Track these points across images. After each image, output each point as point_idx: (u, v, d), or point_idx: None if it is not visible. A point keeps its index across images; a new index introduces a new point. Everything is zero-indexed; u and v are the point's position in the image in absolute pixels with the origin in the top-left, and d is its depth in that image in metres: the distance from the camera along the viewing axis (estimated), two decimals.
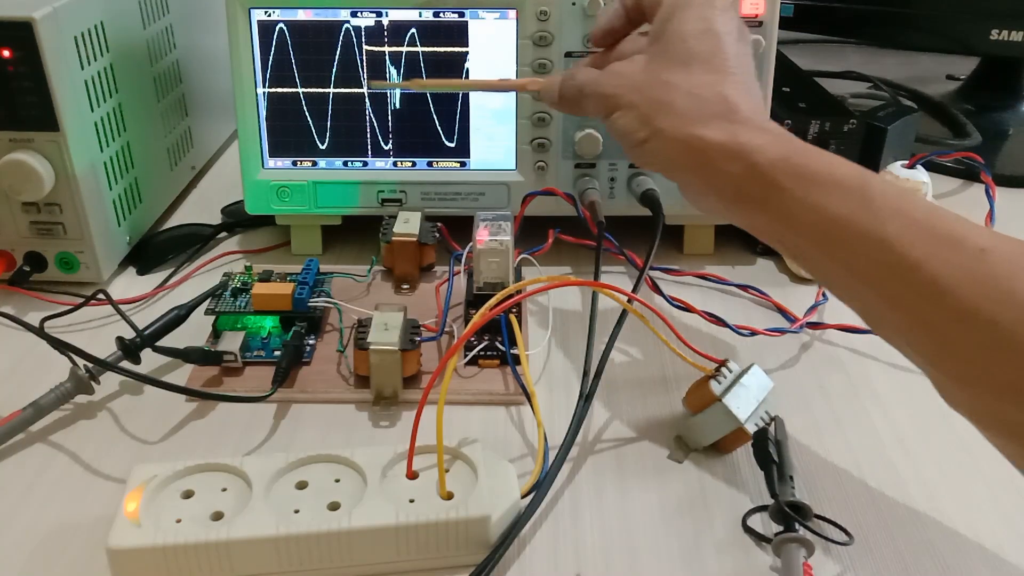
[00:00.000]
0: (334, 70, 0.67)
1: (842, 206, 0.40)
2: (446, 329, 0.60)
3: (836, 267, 0.41)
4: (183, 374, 0.57)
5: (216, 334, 0.60)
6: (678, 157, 0.45)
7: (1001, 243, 0.37)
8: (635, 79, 0.47)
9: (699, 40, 0.46)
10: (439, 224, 0.68)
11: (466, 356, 0.58)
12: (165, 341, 0.57)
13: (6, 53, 0.59)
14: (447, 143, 0.69)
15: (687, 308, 0.62)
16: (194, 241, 0.73)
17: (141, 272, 0.70)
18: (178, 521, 0.43)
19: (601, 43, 0.53)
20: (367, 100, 0.68)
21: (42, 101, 0.60)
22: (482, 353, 0.58)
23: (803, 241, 0.42)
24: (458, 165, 0.70)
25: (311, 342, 0.59)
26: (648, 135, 0.46)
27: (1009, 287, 0.35)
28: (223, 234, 0.75)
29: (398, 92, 0.68)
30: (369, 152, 0.69)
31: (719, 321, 0.61)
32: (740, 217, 0.45)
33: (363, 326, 0.55)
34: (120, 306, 0.58)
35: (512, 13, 0.65)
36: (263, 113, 0.68)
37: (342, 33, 0.66)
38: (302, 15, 0.66)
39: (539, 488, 0.47)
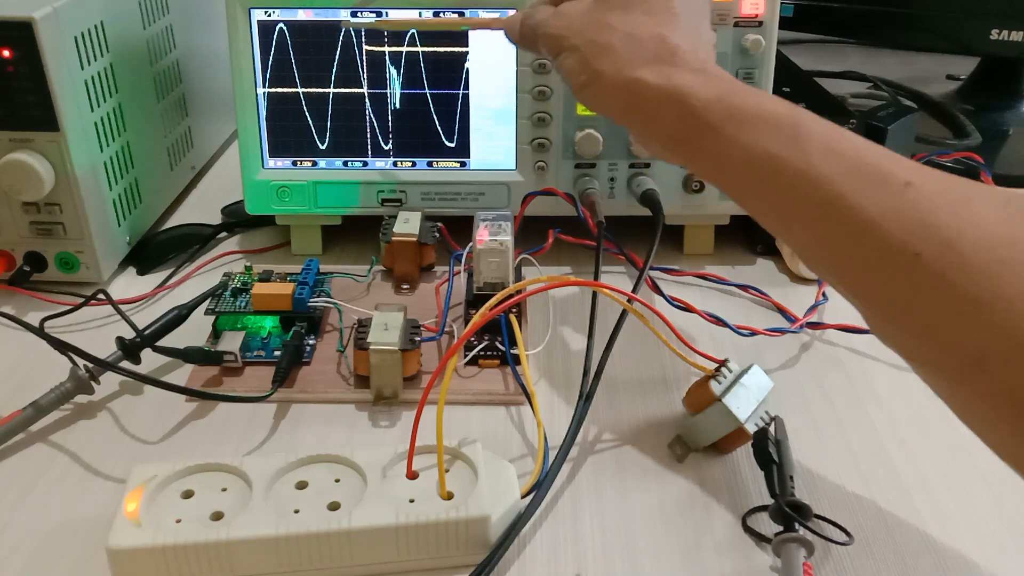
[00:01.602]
0: (334, 70, 0.67)
1: (772, 144, 0.39)
2: (446, 329, 0.60)
3: (769, 207, 0.41)
4: (183, 374, 0.57)
5: (216, 334, 0.60)
6: (618, 101, 0.45)
7: (926, 177, 0.37)
8: (579, 20, 0.47)
9: None
10: (439, 224, 0.68)
11: (466, 356, 0.58)
12: (165, 341, 0.57)
13: (6, 53, 0.59)
14: (447, 143, 0.69)
15: (687, 308, 0.62)
16: (194, 241, 0.73)
17: (141, 272, 0.70)
18: (178, 521, 0.43)
19: None
20: (367, 100, 0.68)
21: (42, 101, 0.60)
22: (482, 353, 0.58)
23: (738, 182, 0.42)
24: (458, 165, 0.70)
25: (311, 342, 0.59)
26: (589, 78, 0.46)
27: (931, 221, 0.35)
28: (223, 234, 0.75)
29: (398, 92, 0.68)
30: (369, 152, 0.69)
31: (719, 321, 0.61)
32: (681, 160, 0.45)
33: (363, 326, 0.55)
34: (120, 306, 0.58)
35: (512, 13, 0.65)
36: (263, 113, 0.68)
37: (342, 33, 0.66)
38: (302, 15, 0.66)
39: (539, 488, 0.47)
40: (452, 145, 0.69)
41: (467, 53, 0.67)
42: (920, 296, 0.35)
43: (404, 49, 0.67)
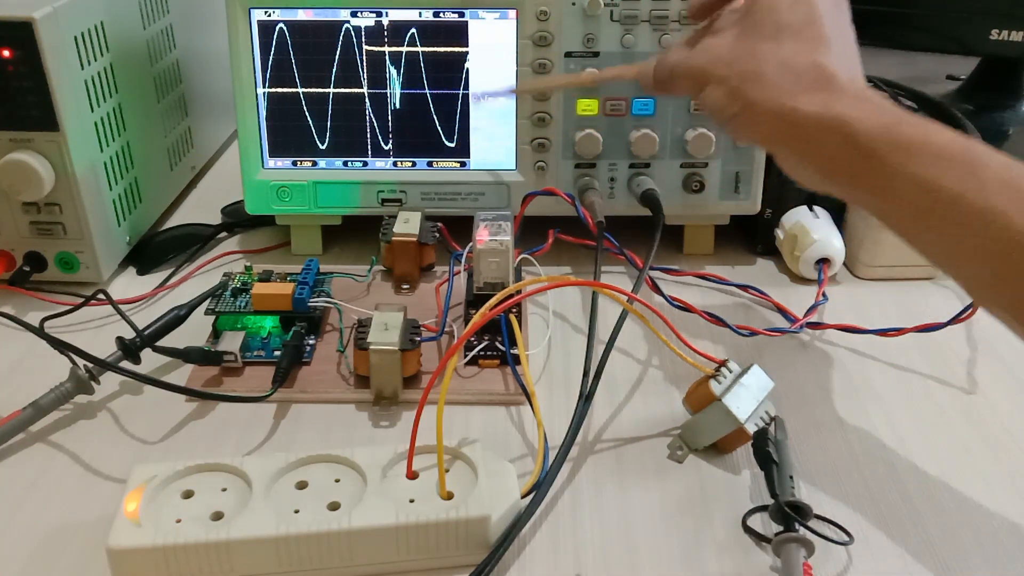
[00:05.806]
0: (334, 70, 0.67)
1: (946, 178, 0.38)
2: (446, 329, 0.60)
3: (939, 240, 0.40)
4: (183, 374, 0.57)
5: (216, 334, 0.60)
6: (771, 131, 0.44)
7: None
8: (725, 53, 0.46)
9: (791, 10, 0.44)
10: (439, 224, 0.68)
11: (466, 356, 0.58)
12: (165, 341, 0.57)
13: (6, 53, 0.59)
14: (447, 143, 0.69)
15: (687, 308, 0.62)
16: (194, 241, 0.73)
17: (141, 272, 0.70)
18: (178, 521, 0.43)
19: (697, 16, 0.51)
20: (367, 100, 0.68)
21: (42, 101, 0.60)
22: (482, 353, 0.58)
23: (903, 213, 0.41)
24: (458, 165, 0.70)
25: (311, 342, 0.59)
26: (739, 109, 0.45)
27: None
28: (223, 234, 0.75)
29: (398, 92, 0.68)
30: (369, 152, 0.69)
31: (719, 321, 0.61)
32: (837, 189, 0.44)
33: (363, 326, 0.55)
34: (120, 306, 0.58)
35: (512, 13, 0.65)
36: (263, 113, 0.68)
37: (342, 33, 0.66)
38: (302, 15, 0.66)
39: (539, 488, 0.47)
40: (452, 145, 0.69)
41: (467, 53, 0.67)
42: None
43: (404, 49, 0.67)
